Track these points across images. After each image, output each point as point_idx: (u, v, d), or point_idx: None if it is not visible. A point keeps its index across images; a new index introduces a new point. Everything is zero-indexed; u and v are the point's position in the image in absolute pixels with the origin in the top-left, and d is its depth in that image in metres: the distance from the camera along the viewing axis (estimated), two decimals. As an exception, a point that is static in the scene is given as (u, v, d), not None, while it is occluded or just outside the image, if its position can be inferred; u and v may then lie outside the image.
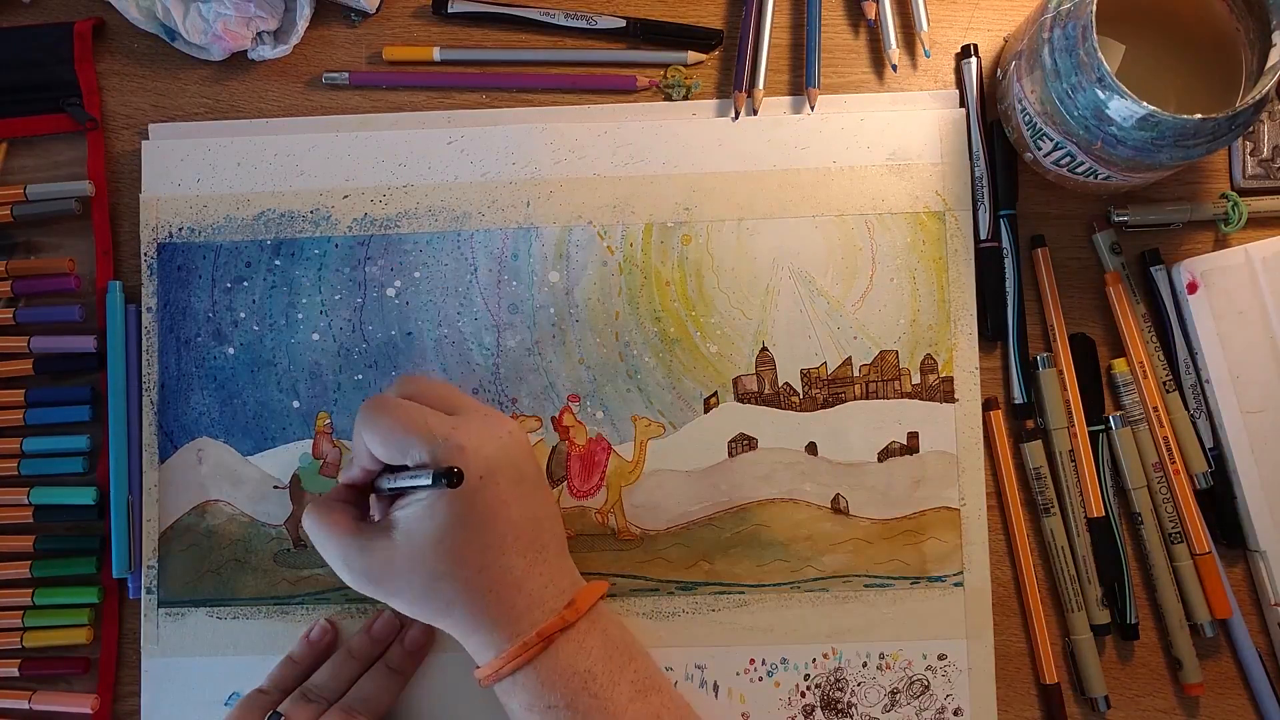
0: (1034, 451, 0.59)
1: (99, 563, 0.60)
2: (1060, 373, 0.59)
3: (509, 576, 0.51)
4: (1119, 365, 0.58)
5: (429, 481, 0.48)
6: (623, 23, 0.61)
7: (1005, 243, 0.59)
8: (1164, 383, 0.58)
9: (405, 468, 0.52)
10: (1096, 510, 0.58)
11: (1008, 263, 0.59)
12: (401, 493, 0.52)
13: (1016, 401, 0.59)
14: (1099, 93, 0.50)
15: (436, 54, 0.61)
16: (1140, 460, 0.58)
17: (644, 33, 0.61)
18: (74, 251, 0.62)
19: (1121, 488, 0.59)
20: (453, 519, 0.50)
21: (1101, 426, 0.59)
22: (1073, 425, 0.58)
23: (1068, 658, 0.59)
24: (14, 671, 0.60)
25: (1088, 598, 0.58)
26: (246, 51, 0.61)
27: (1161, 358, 0.59)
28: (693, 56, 0.61)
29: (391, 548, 0.51)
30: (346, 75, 0.62)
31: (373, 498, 0.56)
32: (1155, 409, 0.58)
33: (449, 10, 0.62)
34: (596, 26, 0.61)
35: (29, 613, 0.60)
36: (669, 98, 0.61)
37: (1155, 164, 0.52)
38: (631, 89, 0.61)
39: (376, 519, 0.55)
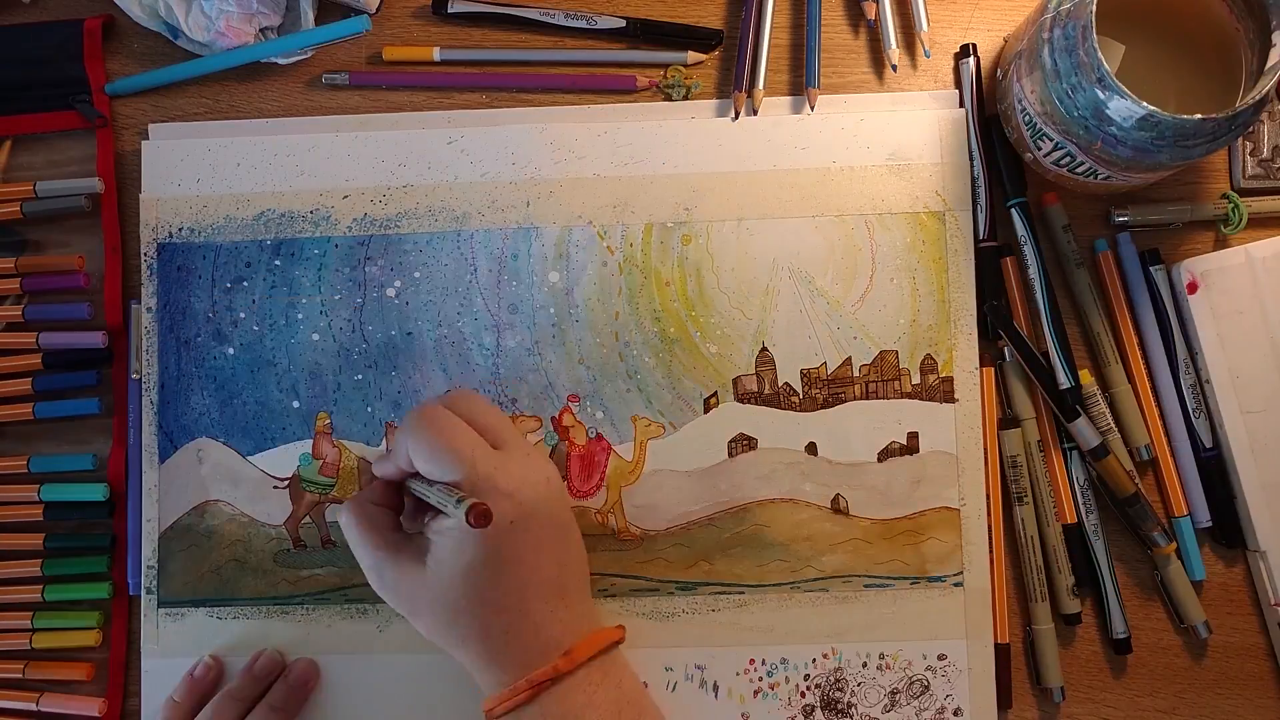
0: (1011, 440, 0.58)
1: (110, 560, 0.60)
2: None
3: (527, 620, 0.52)
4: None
5: (459, 514, 0.48)
6: (623, 23, 0.61)
7: (1022, 231, 0.58)
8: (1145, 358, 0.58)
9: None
10: (1069, 517, 0.58)
11: (1027, 250, 0.58)
12: (430, 505, 0.53)
13: (1064, 387, 0.58)
14: (1099, 93, 0.50)
15: (436, 54, 0.61)
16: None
17: (644, 33, 0.61)
18: (82, 249, 0.62)
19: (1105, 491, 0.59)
20: (482, 558, 0.51)
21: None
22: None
23: (1026, 647, 0.58)
24: (20, 673, 0.60)
25: (1056, 587, 0.58)
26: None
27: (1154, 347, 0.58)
28: (693, 56, 0.61)
29: (421, 573, 0.52)
30: (346, 75, 0.62)
31: (407, 498, 0.57)
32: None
33: (449, 10, 0.62)
34: (596, 26, 0.61)
35: (38, 614, 0.60)
36: (669, 98, 0.61)
37: (1155, 164, 0.52)
38: (631, 89, 0.61)
39: (405, 523, 0.56)
